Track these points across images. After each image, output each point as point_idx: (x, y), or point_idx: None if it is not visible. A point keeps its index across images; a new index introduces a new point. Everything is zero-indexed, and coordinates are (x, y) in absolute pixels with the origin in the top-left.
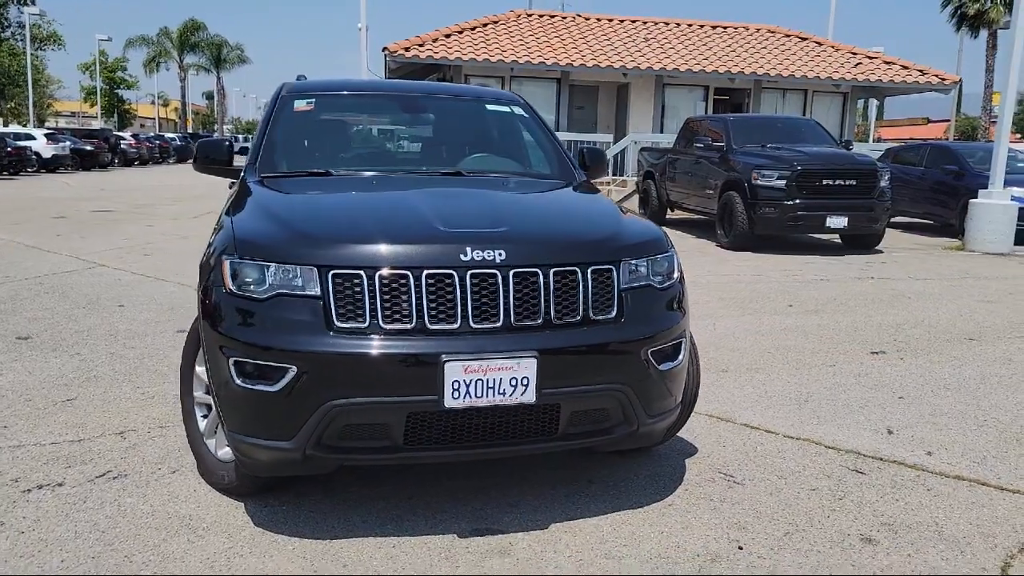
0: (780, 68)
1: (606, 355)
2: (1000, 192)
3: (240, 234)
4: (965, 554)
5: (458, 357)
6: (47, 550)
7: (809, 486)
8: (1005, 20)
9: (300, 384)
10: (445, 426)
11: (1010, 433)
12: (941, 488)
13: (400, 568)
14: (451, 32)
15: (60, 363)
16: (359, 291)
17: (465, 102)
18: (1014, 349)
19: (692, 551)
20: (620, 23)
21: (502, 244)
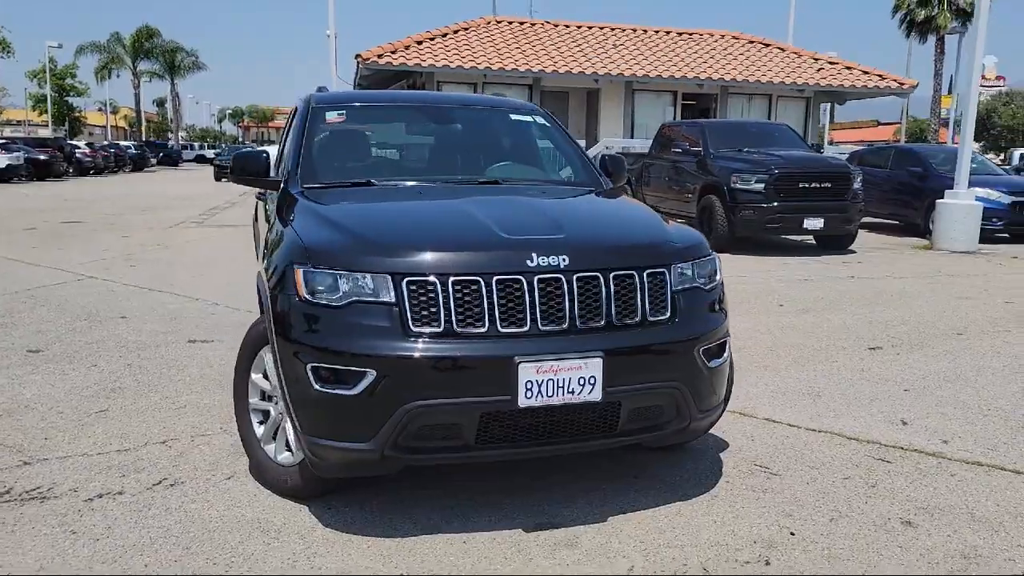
0: (746, 74)
1: (663, 354)
2: (965, 193)
3: (310, 243)
4: (999, 533)
5: (531, 358)
6: (127, 555)
7: (842, 475)
8: (951, 26)
9: (379, 387)
10: (515, 425)
11: (1014, 421)
12: (964, 474)
13: (477, 561)
14: (423, 39)
15: (80, 375)
16: (433, 297)
17: (489, 112)
18: (1000, 342)
19: (748, 538)
20: (589, 30)
21: (564, 250)
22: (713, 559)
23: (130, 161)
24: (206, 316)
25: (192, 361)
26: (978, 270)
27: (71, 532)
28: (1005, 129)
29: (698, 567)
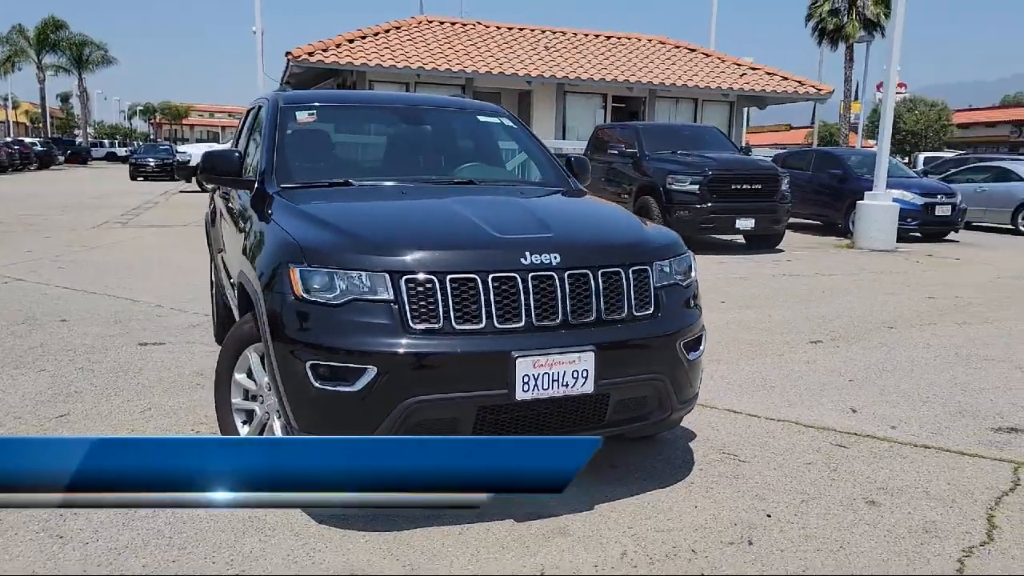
0: (674, 78)
1: (649, 348)
2: (883, 194)
3: (304, 243)
4: (953, 509)
5: (527, 353)
6: (121, 557)
7: (804, 460)
8: (860, 35)
9: (379, 384)
10: (510, 417)
11: (951, 407)
12: (914, 456)
13: (476, 551)
14: (354, 37)
15: (30, 381)
16: (432, 295)
17: (457, 113)
18: (928, 335)
19: (728, 521)
20: (520, 31)
21: (555, 248)
22: (700, 541)
23: (36, 159)
24: (151, 318)
25: (146, 364)
26: (898, 267)
27: (57, 536)
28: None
29: (687, 549)
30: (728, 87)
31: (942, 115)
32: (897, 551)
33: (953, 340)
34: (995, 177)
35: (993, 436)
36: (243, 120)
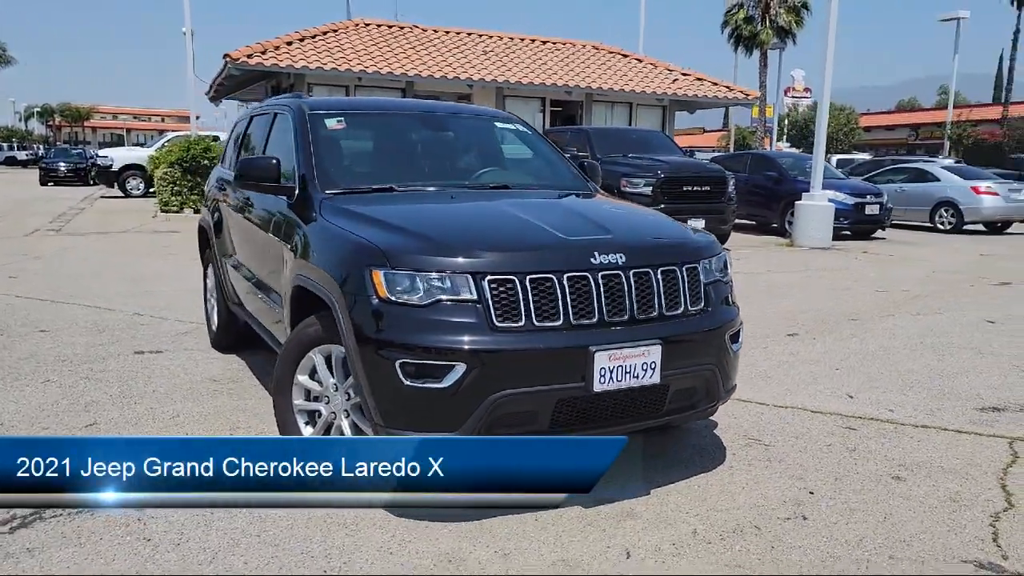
0: (611, 83)
1: (703, 340)
2: (820, 195)
3: (386, 246)
4: (969, 480)
5: (604, 347)
6: (220, 557)
7: (824, 443)
8: (773, 42)
9: (468, 380)
10: (584, 409)
11: (935, 390)
12: (918, 435)
13: (558, 534)
14: (292, 40)
15: (38, 392)
16: (514, 294)
17: (476, 120)
18: (891, 325)
19: (778, 499)
20: (457, 35)
21: (620, 248)
22: (759, 518)
23: None
24: (134, 327)
25: (153, 372)
26: (839, 264)
27: (145, 539)
28: None
29: (751, 526)
30: (663, 92)
31: (850, 119)
32: (935, 520)
33: (914, 330)
34: (913, 178)
35: (980, 415)
36: (242, 127)
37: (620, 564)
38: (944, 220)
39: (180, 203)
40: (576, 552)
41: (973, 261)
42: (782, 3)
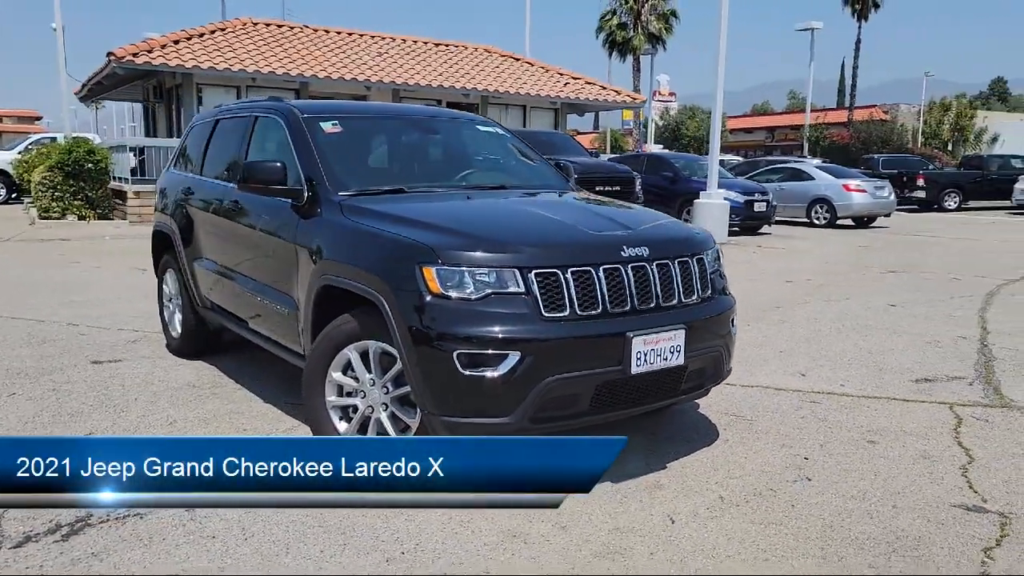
0: (507, 85)
1: (714, 324)
2: (716, 193)
3: (434, 244)
4: (931, 440)
5: (639, 333)
6: (294, 549)
7: (798, 416)
8: (645, 47)
9: (521, 367)
10: (620, 391)
11: (871, 366)
12: (874, 405)
13: (604, 503)
14: (179, 39)
15: (10, 405)
16: (558, 286)
17: (459, 124)
18: (810, 312)
19: (780, 465)
20: (350, 36)
21: (643, 242)
22: (770, 483)
23: None
24: (75, 337)
25: (123, 381)
26: (742, 258)
27: (210, 537)
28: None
29: (767, 489)
30: (556, 95)
31: None
32: (916, 474)
33: (831, 315)
34: (790, 177)
35: (916, 386)
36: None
37: (668, 528)
38: (819, 216)
39: (62, 209)
40: (625, 520)
41: (855, 252)
42: (653, 10)
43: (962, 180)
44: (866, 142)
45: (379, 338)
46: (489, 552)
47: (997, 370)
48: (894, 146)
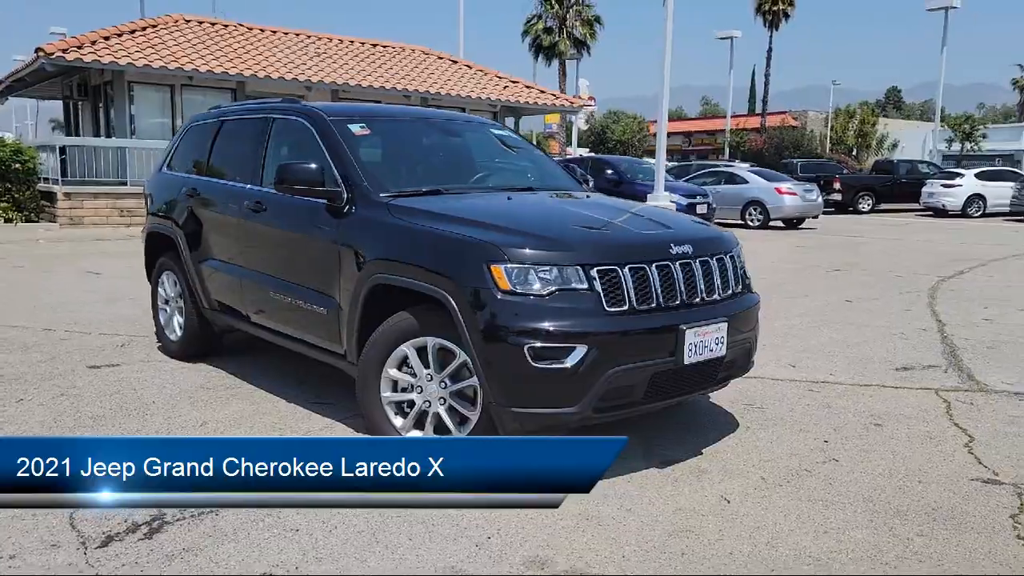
0: (447, 87)
1: (747, 316)
2: (663, 196)
3: (501, 244)
4: (930, 422)
5: (691, 325)
6: (377, 544)
7: (803, 403)
8: (570, 52)
9: (588, 359)
10: (670, 380)
11: (851, 357)
12: (870, 393)
13: (659, 486)
14: (110, 35)
15: (22, 410)
16: (618, 282)
17: (475, 126)
18: (776, 307)
19: (805, 448)
20: (286, 35)
21: (687, 240)
22: (802, 464)
23: None
24: (58, 342)
25: (129, 384)
26: None
27: (293, 531)
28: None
29: (801, 470)
30: (496, 98)
31: (642, 126)
32: (928, 452)
33: (798, 311)
34: (726, 180)
35: (898, 374)
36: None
37: (725, 508)
38: (753, 218)
39: None
40: (684, 502)
41: (795, 252)
42: (577, 16)
43: (875, 184)
44: (779, 147)
45: (438, 334)
46: (570, 534)
47: (964, 358)
48: (805, 151)
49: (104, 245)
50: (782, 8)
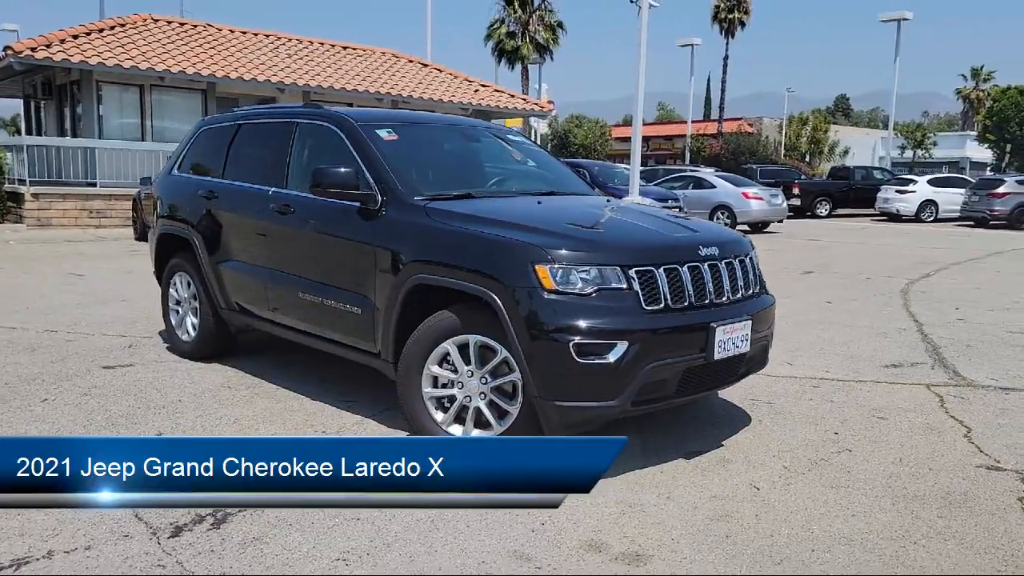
0: (419, 91)
1: (767, 315)
2: (638, 199)
3: (545, 245)
4: (928, 415)
5: (720, 323)
6: (439, 531)
7: (806, 397)
8: (533, 57)
9: (629, 355)
10: (700, 375)
11: (843, 355)
12: (866, 388)
13: (692, 477)
14: (79, 33)
15: (50, 411)
16: (654, 282)
17: (493, 132)
18: None
19: (818, 440)
20: (256, 36)
21: (713, 243)
22: (819, 454)
23: None
24: (63, 344)
25: (151, 384)
26: None
27: (355, 519)
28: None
29: (819, 460)
30: (468, 102)
31: (603, 131)
32: (933, 443)
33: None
34: (693, 185)
35: (888, 371)
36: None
37: (757, 495)
38: (721, 222)
39: None
40: (717, 489)
41: (766, 255)
42: (540, 21)
43: (832, 189)
44: (736, 152)
45: (480, 332)
46: (617, 520)
47: (946, 356)
48: (760, 157)
49: (80, 247)
50: (738, 16)
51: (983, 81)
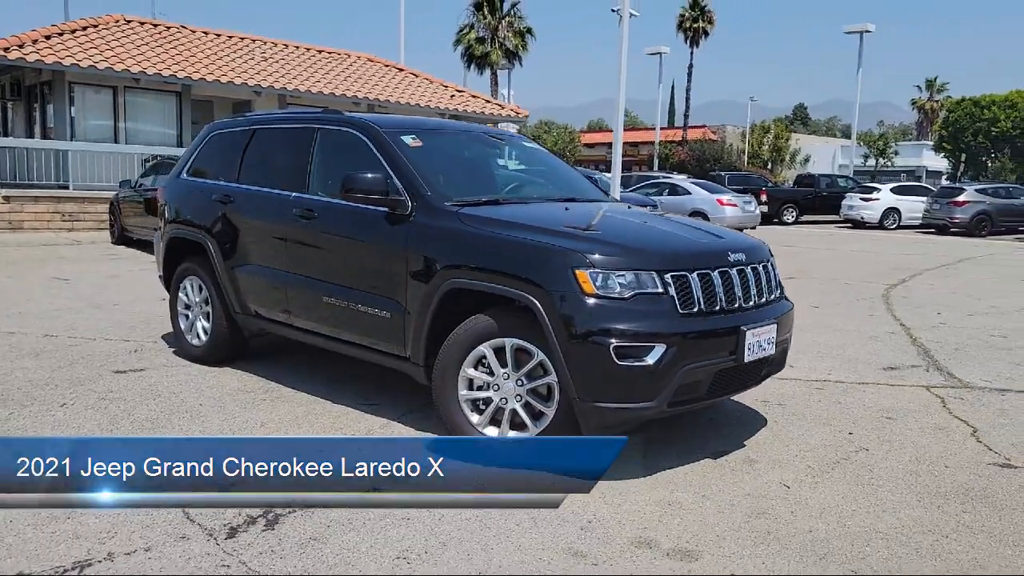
0: (397, 95)
1: (788, 319)
2: None
3: (585, 251)
4: (934, 415)
5: (750, 326)
6: (487, 529)
7: (815, 399)
8: (502, 62)
9: (666, 357)
10: (730, 377)
11: (842, 358)
12: (870, 391)
13: (720, 475)
14: (51, 34)
15: (72, 416)
16: (688, 286)
17: (509, 140)
18: None
19: (834, 440)
20: (230, 39)
21: (741, 249)
22: (838, 454)
23: None
24: (66, 348)
25: (168, 388)
26: None
27: (405, 519)
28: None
29: (840, 459)
30: (445, 106)
31: (573, 137)
32: (944, 442)
33: None
34: (668, 191)
35: (887, 373)
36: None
37: (788, 493)
38: None
39: None
40: (749, 488)
41: None
42: (510, 27)
43: (798, 196)
44: (700, 159)
45: (517, 335)
46: (661, 518)
47: (939, 359)
48: (725, 164)
49: (58, 250)
50: (702, 26)
51: (937, 92)
